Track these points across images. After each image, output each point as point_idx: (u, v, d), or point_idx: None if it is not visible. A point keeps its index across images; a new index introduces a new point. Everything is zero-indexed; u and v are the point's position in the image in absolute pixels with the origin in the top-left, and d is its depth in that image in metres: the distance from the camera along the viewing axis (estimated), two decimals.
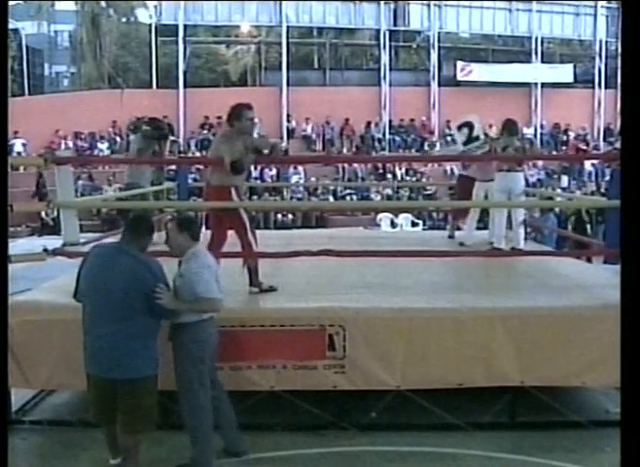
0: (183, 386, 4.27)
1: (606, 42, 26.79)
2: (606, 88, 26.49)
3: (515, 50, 27.71)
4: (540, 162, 22.14)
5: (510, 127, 7.30)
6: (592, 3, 26.84)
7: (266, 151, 5.61)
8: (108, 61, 26.48)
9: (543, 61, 26.63)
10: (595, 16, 26.90)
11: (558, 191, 19.32)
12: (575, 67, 27.18)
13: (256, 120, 5.80)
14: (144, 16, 26.16)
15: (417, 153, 24.39)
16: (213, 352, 4.35)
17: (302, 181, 21.25)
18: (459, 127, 8.17)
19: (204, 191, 5.83)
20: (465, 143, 8.05)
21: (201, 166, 17.23)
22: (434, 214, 18.96)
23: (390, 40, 26.04)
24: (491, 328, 4.88)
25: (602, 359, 4.76)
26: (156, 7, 25.02)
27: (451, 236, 8.66)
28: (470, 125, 8.07)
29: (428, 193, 20.87)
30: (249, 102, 5.48)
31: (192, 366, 4.21)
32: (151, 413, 4.01)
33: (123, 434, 3.98)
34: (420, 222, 18.77)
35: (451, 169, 22.58)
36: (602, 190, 19.51)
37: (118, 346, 3.83)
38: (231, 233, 5.50)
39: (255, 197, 18.20)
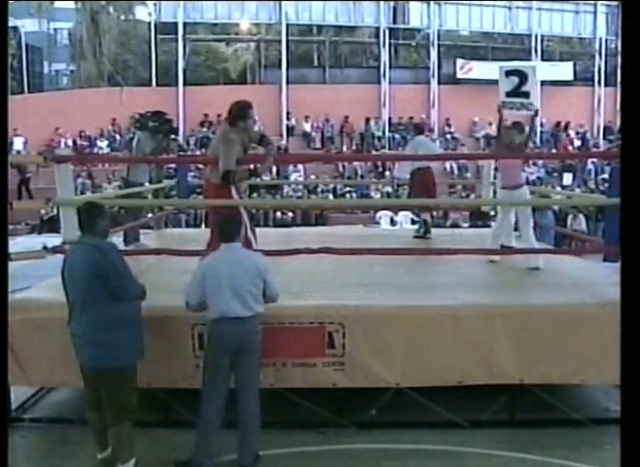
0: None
1: (606, 40, 26.76)
2: (606, 85, 26.46)
3: (515, 47, 27.66)
4: (540, 160, 22.14)
5: (521, 126, 7.02)
6: (592, 1, 26.80)
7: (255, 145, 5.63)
8: (107, 59, 26.42)
9: (543, 59, 26.55)
10: (595, 13, 26.86)
11: (558, 189, 19.30)
12: (575, 65, 27.12)
13: (256, 117, 5.80)
14: (143, 13, 26.12)
15: None
16: (233, 352, 4.32)
17: (301, 179, 21.22)
18: (507, 73, 6.77)
19: (204, 189, 5.82)
20: (508, 94, 6.69)
21: (201, 165, 17.27)
22: (433, 212, 18.91)
23: (390, 38, 25.99)
24: (491, 326, 4.88)
25: (602, 357, 4.76)
26: (155, 5, 24.98)
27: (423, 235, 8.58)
28: (522, 75, 6.63)
29: None
30: (245, 104, 5.45)
31: (206, 360, 4.40)
32: (128, 403, 4.05)
33: (111, 425, 4.06)
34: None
35: (451, 167, 22.60)
36: (601, 188, 19.52)
37: (92, 337, 3.95)
38: None
39: (255, 195, 18.18)
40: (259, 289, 4.38)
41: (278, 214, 19.03)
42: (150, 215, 8.83)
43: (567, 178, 22.43)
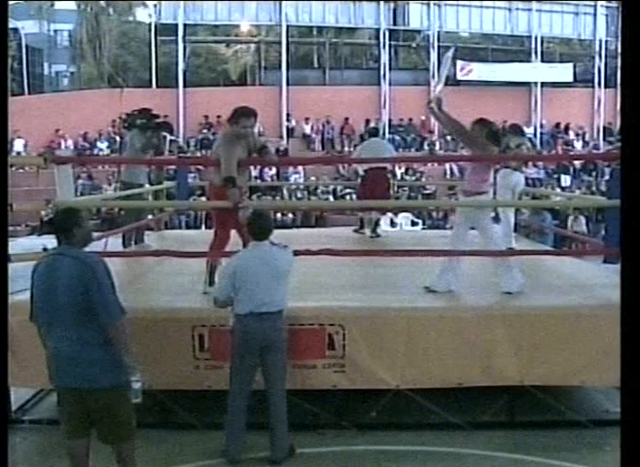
0: None
1: (606, 41, 26.79)
2: (606, 87, 26.49)
3: (515, 49, 27.70)
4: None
5: (517, 129, 7.63)
6: (592, 2, 26.83)
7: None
8: (108, 61, 26.48)
9: (542, 61, 26.61)
10: (595, 15, 26.90)
11: (557, 190, 19.33)
12: (575, 66, 27.16)
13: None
14: (143, 15, 26.16)
15: (417, 152, 24.38)
16: (259, 350, 4.36)
17: (301, 180, 21.24)
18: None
19: (207, 190, 5.82)
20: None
21: (200, 166, 17.26)
22: (433, 213, 18.96)
23: (390, 39, 26.03)
24: (491, 327, 4.88)
25: (602, 358, 4.76)
26: (155, 6, 25.02)
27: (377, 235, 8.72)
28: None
29: (427, 192, 20.86)
30: (251, 107, 5.44)
31: (232, 355, 4.44)
32: (129, 420, 3.79)
33: (110, 444, 3.84)
34: (420, 221, 18.77)
35: (450, 168, 22.61)
36: (601, 189, 19.53)
37: (78, 355, 3.60)
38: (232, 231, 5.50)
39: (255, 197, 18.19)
40: (283, 286, 4.45)
41: (278, 215, 19.03)
42: (150, 216, 8.82)
43: (565, 180, 22.48)
